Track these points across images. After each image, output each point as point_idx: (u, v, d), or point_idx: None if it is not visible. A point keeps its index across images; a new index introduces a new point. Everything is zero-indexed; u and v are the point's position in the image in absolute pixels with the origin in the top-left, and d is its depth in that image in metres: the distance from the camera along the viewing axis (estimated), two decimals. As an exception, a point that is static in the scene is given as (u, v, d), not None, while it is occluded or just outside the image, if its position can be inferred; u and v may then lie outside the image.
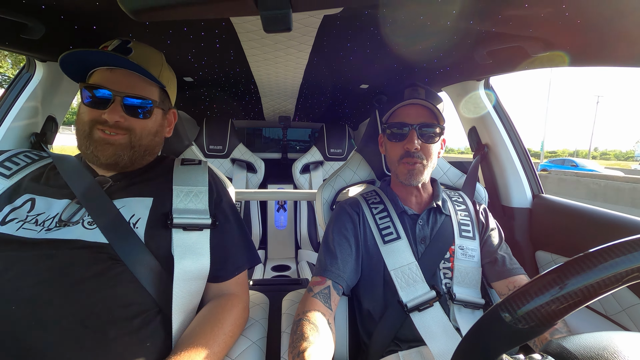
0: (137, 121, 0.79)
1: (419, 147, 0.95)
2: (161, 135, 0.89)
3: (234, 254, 0.85)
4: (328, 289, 0.87)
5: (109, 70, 0.78)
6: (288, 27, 0.53)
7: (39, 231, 0.68)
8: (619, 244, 0.34)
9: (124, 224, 0.73)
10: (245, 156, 2.59)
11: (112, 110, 0.75)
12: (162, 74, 0.85)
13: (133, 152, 0.80)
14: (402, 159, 0.97)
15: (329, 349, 0.74)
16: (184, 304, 0.75)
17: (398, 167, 0.99)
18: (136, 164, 0.84)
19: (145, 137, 0.82)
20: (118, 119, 0.76)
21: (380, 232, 0.97)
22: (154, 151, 0.88)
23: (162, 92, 0.86)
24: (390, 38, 1.00)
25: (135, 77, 0.79)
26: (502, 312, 0.36)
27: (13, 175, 0.79)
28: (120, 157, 0.78)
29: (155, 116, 0.84)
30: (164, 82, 0.85)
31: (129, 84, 0.78)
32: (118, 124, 0.77)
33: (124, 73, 0.78)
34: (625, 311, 0.96)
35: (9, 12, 0.81)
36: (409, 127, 0.96)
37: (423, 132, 0.96)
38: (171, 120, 0.94)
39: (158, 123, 0.86)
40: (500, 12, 0.74)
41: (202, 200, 0.84)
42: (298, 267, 2.46)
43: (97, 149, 0.76)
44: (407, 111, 0.98)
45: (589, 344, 0.38)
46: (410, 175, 0.96)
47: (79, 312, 0.60)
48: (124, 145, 0.78)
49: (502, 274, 0.94)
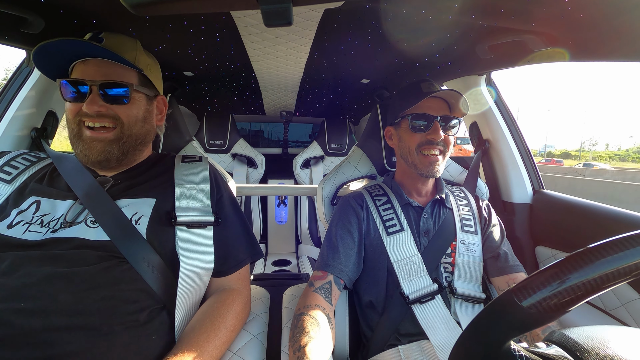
0: (118, 108, 0.78)
1: (442, 137, 0.96)
2: (151, 123, 0.88)
3: (236, 249, 0.86)
4: (329, 283, 0.88)
5: (82, 63, 0.78)
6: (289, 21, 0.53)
7: (44, 233, 0.69)
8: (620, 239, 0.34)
9: (125, 222, 0.73)
10: (246, 151, 2.58)
11: (90, 100, 0.75)
12: (138, 59, 0.84)
13: (122, 144, 0.79)
14: (420, 147, 0.98)
15: (329, 343, 0.74)
16: (188, 299, 0.76)
17: (417, 157, 0.99)
18: (130, 156, 0.83)
19: (134, 125, 0.82)
20: (98, 108, 0.75)
21: (384, 224, 0.98)
22: (145, 140, 0.87)
23: (142, 77, 0.85)
24: (392, 32, 0.99)
25: (109, 64, 0.78)
26: (515, 296, 0.36)
27: (14, 179, 0.79)
28: (110, 152, 0.78)
29: (138, 101, 0.83)
30: (142, 66, 0.84)
31: (104, 72, 0.77)
32: (100, 114, 0.76)
33: (98, 62, 0.78)
34: (624, 306, 0.96)
35: (8, 6, 0.81)
36: (433, 119, 0.97)
37: (445, 124, 0.98)
38: (161, 108, 0.93)
39: (143, 109, 0.85)
40: (502, 7, 0.74)
41: (204, 198, 0.84)
42: (298, 262, 2.47)
43: (86, 147, 0.76)
44: (428, 104, 0.99)
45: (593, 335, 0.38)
46: (432, 165, 0.97)
47: (85, 309, 0.61)
48: (113, 140, 0.78)
49: (503, 270, 0.95)
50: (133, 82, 0.81)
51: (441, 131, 0.96)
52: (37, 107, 1.20)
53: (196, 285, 0.77)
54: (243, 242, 0.89)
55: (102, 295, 0.64)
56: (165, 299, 0.72)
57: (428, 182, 1.05)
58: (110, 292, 0.65)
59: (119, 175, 0.84)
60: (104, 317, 0.62)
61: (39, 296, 0.60)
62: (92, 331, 0.60)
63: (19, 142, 1.17)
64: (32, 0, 0.80)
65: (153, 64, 0.90)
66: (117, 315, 0.64)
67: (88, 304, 0.62)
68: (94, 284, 0.64)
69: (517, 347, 0.37)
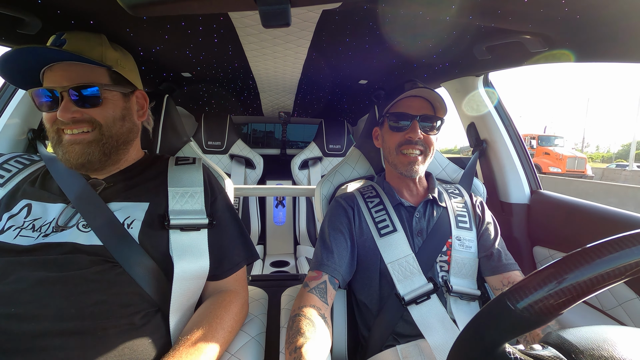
0: (93, 111, 0.76)
1: (422, 136, 0.96)
2: (131, 120, 0.85)
3: (231, 252, 0.85)
4: (324, 283, 0.88)
5: (49, 69, 0.75)
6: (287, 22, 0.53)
7: (36, 237, 0.68)
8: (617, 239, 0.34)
9: (117, 226, 0.72)
10: (244, 152, 2.58)
11: (63, 108, 0.72)
12: (105, 55, 0.80)
13: (103, 145, 0.77)
14: (400, 147, 0.98)
15: (326, 343, 0.74)
16: (182, 302, 0.75)
17: (397, 156, 1.00)
18: (113, 156, 0.80)
19: (113, 125, 0.79)
20: (72, 115, 0.73)
21: (377, 225, 0.98)
22: (128, 138, 0.84)
23: (113, 74, 0.81)
24: (389, 33, 1.00)
25: (75, 66, 0.75)
26: (508, 300, 0.36)
27: (7, 182, 0.78)
28: (90, 154, 0.75)
29: (113, 100, 0.79)
30: (110, 63, 0.80)
31: (70, 75, 0.74)
32: (76, 119, 0.74)
33: (63, 66, 0.75)
34: (621, 306, 0.97)
35: (5, 7, 0.80)
36: (412, 118, 0.97)
37: (425, 124, 0.97)
38: (142, 103, 0.90)
39: (120, 107, 0.81)
40: (500, 8, 0.74)
41: (198, 201, 0.83)
42: (297, 262, 2.47)
43: (65, 151, 0.75)
44: (409, 103, 0.99)
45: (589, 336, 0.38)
46: (411, 165, 0.97)
47: (78, 313, 0.61)
48: (91, 141, 0.75)
49: (497, 269, 0.95)
50: (103, 82, 0.78)
51: (420, 131, 0.96)
52: (34, 109, 1.20)
53: (191, 289, 0.77)
54: (238, 244, 0.88)
55: (96, 300, 0.63)
56: (160, 302, 0.72)
57: (418, 181, 1.05)
58: (104, 296, 0.65)
59: (111, 177, 0.83)
60: (98, 321, 0.62)
61: (30, 301, 0.59)
62: (85, 336, 0.60)
63: (15, 144, 1.16)
64: (29, 1, 0.80)
65: (123, 57, 0.86)
66: (111, 319, 0.63)
67: (81, 308, 0.61)
68: (86, 288, 0.64)
69: (512, 349, 0.37)
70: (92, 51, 0.78)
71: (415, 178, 1.02)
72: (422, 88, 0.97)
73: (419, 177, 1.04)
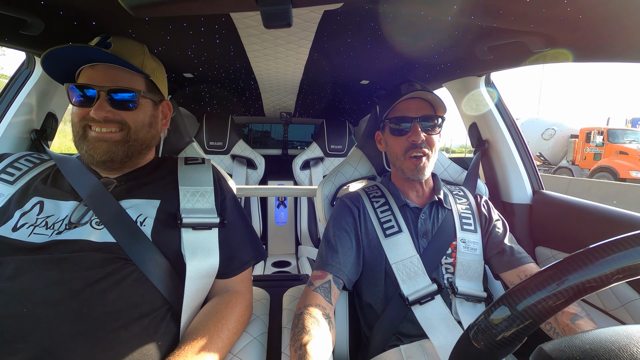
0: (126, 114, 0.79)
1: (424, 138, 0.95)
2: (156, 127, 0.88)
3: (240, 251, 0.86)
4: (329, 282, 0.88)
5: (90, 68, 0.78)
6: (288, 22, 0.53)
7: (49, 235, 0.69)
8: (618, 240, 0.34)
9: (130, 223, 0.73)
10: (246, 152, 2.58)
11: (98, 106, 0.75)
12: (145, 64, 0.84)
13: (128, 146, 0.79)
14: (407, 152, 0.97)
15: (329, 342, 0.74)
16: (194, 301, 0.76)
17: (404, 162, 0.99)
18: (134, 159, 0.83)
19: (140, 130, 0.82)
20: (105, 114, 0.75)
21: (382, 226, 0.98)
22: (150, 144, 0.87)
23: (148, 82, 0.85)
24: (391, 33, 1.00)
25: (117, 70, 0.78)
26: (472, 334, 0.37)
27: (17, 180, 0.79)
28: (114, 153, 0.78)
29: (145, 107, 0.83)
30: (148, 72, 0.84)
31: (111, 77, 0.77)
32: (108, 119, 0.76)
33: (105, 67, 0.78)
34: (624, 306, 0.96)
35: (8, 8, 0.81)
36: (412, 120, 0.96)
37: (425, 124, 0.97)
38: (166, 113, 0.93)
39: (149, 114, 0.85)
40: (502, 8, 0.74)
41: (208, 200, 0.84)
42: (298, 263, 2.47)
43: (91, 147, 0.76)
44: (407, 105, 0.99)
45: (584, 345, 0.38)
46: (418, 170, 0.96)
47: (90, 313, 0.61)
48: (118, 141, 0.78)
49: (512, 264, 0.94)
50: (140, 88, 0.82)
51: (422, 132, 0.95)
52: (37, 109, 1.20)
53: (202, 287, 0.78)
54: (247, 243, 0.89)
55: (108, 298, 0.64)
56: (172, 300, 0.72)
57: (424, 182, 1.05)
58: (116, 295, 0.65)
59: (122, 176, 0.83)
60: (109, 322, 0.62)
61: (43, 301, 0.59)
62: (96, 337, 0.60)
63: (18, 144, 1.17)
64: (31, 2, 0.80)
65: (159, 68, 0.91)
66: (122, 319, 0.63)
67: (93, 307, 0.61)
68: (99, 287, 0.64)
69: None
70: (135, 58, 0.81)
71: (422, 181, 1.02)
72: (420, 90, 0.97)
73: (427, 178, 1.03)
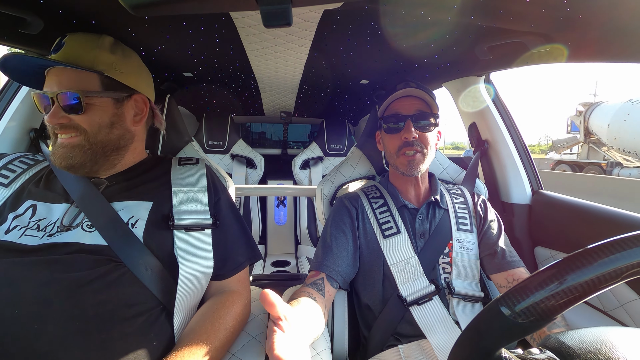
0: (78, 117, 0.75)
1: (417, 135, 0.96)
2: (122, 127, 0.81)
3: (234, 252, 0.85)
4: (322, 279, 0.89)
5: (47, 73, 0.77)
6: (288, 22, 0.53)
7: (40, 237, 0.68)
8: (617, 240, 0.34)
9: (122, 225, 0.72)
10: (245, 152, 2.58)
11: (51, 113, 0.73)
12: (98, 59, 0.77)
13: (87, 151, 0.75)
14: (400, 150, 0.98)
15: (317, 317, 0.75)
16: (187, 302, 0.75)
17: (397, 159, 1.00)
18: (101, 162, 0.79)
19: (98, 133, 0.76)
20: (58, 120, 0.73)
21: (380, 227, 0.98)
22: (119, 145, 0.81)
23: (106, 79, 0.78)
24: (391, 33, 1.00)
25: (66, 72, 0.75)
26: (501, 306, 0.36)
27: (11, 183, 0.78)
28: (71, 158, 0.74)
29: (100, 107, 0.77)
30: (103, 67, 0.77)
31: (61, 81, 0.74)
32: (63, 125, 0.74)
33: (57, 71, 0.76)
34: (623, 307, 0.97)
35: (7, 7, 0.81)
36: (405, 118, 0.97)
37: (419, 121, 0.97)
38: (141, 107, 0.86)
39: (110, 114, 0.78)
40: (501, 8, 0.74)
41: (201, 201, 0.83)
42: (298, 262, 2.47)
43: (53, 153, 0.75)
44: (401, 103, 1.00)
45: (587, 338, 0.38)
46: (411, 165, 0.97)
47: (82, 315, 0.61)
48: (75, 146, 0.75)
49: (502, 267, 0.94)
50: (91, 88, 0.76)
51: (414, 130, 0.96)
52: (36, 108, 1.20)
53: (195, 288, 0.77)
54: (242, 244, 0.88)
55: (100, 300, 0.63)
56: (165, 301, 0.72)
57: (421, 182, 1.05)
58: (108, 296, 0.64)
59: (113, 177, 0.82)
60: (102, 323, 0.61)
61: (34, 303, 0.59)
62: (89, 338, 0.59)
63: (17, 143, 1.17)
64: (31, 1, 0.80)
65: (121, 60, 0.82)
66: (115, 320, 0.63)
67: (85, 309, 0.61)
68: (90, 289, 0.63)
69: (508, 354, 0.37)
70: (85, 56, 0.76)
71: (417, 177, 1.02)
72: (414, 88, 0.98)
73: (421, 178, 1.04)
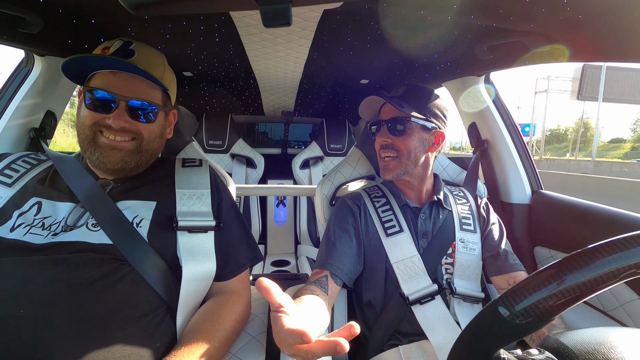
0: (143, 125, 0.79)
1: (390, 139, 0.98)
2: (164, 137, 0.89)
3: (236, 253, 0.86)
4: (325, 277, 0.89)
5: (112, 74, 0.76)
6: (288, 21, 0.53)
7: (45, 236, 0.68)
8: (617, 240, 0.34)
9: (127, 225, 0.73)
10: (245, 151, 2.58)
11: (116, 115, 0.74)
12: (164, 76, 0.84)
13: (140, 156, 0.80)
14: (379, 153, 1.02)
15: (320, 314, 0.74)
16: (189, 303, 0.76)
17: (380, 161, 1.03)
18: (140, 167, 0.84)
19: (153, 141, 0.82)
20: (123, 124, 0.75)
21: (383, 225, 0.98)
22: (157, 152, 0.88)
23: (164, 94, 0.85)
24: (391, 33, 1.00)
25: (138, 80, 0.78)
26: (500, 307, 0.36)
27: (15, 182, 0.78)
28: (127, 162, 0.78)
29: (159, 119, 0.84)
30: (166, 84, 0.84)
31: (133, 88, 0.77)
32: (124, 129, 0.76)
33: (127, 76, 0.77)
34: (622, 307, 0.97)
35: (7, 6, 0.81)
36: (381, 123, 1.00)
37: (394, 126, 0.98)
38: (171, 121, 0.93)
39: (162, 125, 0.86)
40: (501, 7, 0.74)
41: (205, 203, 0.84)
42: (297, 262, 2.47)
43: (103, 155, 0.76)
44: (383, 109, 1.03)
45: (585, 339, 0.38)
46: (385, 170, 1.00)
47: (87, 314, 0.61)
48: (131, 150, 0.78)
49: (503, 269, 0.95)
50: (159, 102, 0.82)
51: (388, 134, 0.98)
52: (36, 107, 1.20)
53: (198, 289, 0.77)
54: (244, 245, 0.89)
55: (104, 300, 0.63)
56: (170, 301, 0.72)
57: (423, 183, 1.05)
58: (113, 297, 0.64)
59: (119, 178, 0.83)
60: (106, 323, 0.61)
61: (39, 302, 0.59)
62: (93, 337, 0.59)
63: (17, 143, 1.17)
64: (31, 1, 0.80)
65: (173, 78, 0.91)
66: (119, 320, 0.63)
67: (89, 309, 0.61)
68: (95, 288, 0.63)
69: (507, 355, 0.37)
70: (156, 70, 0.81)
71: (417, 177, 1.03)
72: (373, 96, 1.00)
73: (422, 178, 1.04)
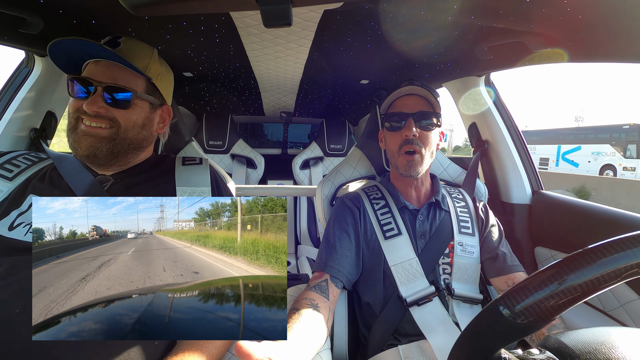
0: (118, 112, 0.78)
1: (417, 134, 0.95)
2: (149, 130, 0.87)
3: None
4: (325, 281, 0.88)
5: (94, 63, 0.79)
6: (288, 22, 0.53)
7: None
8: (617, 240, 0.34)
9: None
10: (245, 152, 2.58)
11: (91, 100, 0.75)
12: (150, 67, 0.83)
13: (114, 144, 0.78)
14: (401, 148, 0.98)
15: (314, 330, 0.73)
16: None
17: (398, 158, 0.99)
18: (120, 158, 0.82)
19: (130, 130, 0.81)
20: (97, 109, 0.75)
21: (382, 228, 0.98)
22: (140, 145, 0.86)
23: (149, 85, 0.85)
24: (391, 33, 1.00)
25: (118, 68, 0.78)
26: (501, 306, 0.36)
27: (15, 177, 0.79)
28: (98, 148, 0.77)
29: (140, 108, 0.82)
30: (152, 75, 0.84)
31: (111, 74, 0.78)
32: (99, 114, 0.76)
33: (108, 64, 0.78)
34: (623, 307, 0.96)
35: (7, 7, 0.81)
36: (407, 116, 0.97)
37: (421, 120, 0.97)
38: (165, 117, 0.92)
39: (144, 116, 0.84)
40: (501, 8, 0.74)
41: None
42: (298, 262, 2.47)
43: (76, 140, 0.76)
44: (404, 102, 1.00)
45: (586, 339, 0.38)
46: (410, 166, 0.97)
47: None
48: (104, 137, 0.77)
49: (502, 271, 0.95)
50: (138, 89, 0.81)
51: (415, 128, 0.95)
52: (36, 108, 1.20)
53: None
54: None
55: None
56: None
57: (422, 183, 1.05)
58: None
59: (119, 174, 0.83)
60: None
61: None
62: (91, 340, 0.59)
63: (17, 143, 1.17)
64: (31, 1, 0.80)
65: (166, 74, 0.91)
66: None
67: None
68: None
69: (508, 355, 0.37)
70: (140, 60, 0.81)
71: (417, 178, 1.02)
72: (417, 87, 0.98)
73: (422, 179, 1.04)
